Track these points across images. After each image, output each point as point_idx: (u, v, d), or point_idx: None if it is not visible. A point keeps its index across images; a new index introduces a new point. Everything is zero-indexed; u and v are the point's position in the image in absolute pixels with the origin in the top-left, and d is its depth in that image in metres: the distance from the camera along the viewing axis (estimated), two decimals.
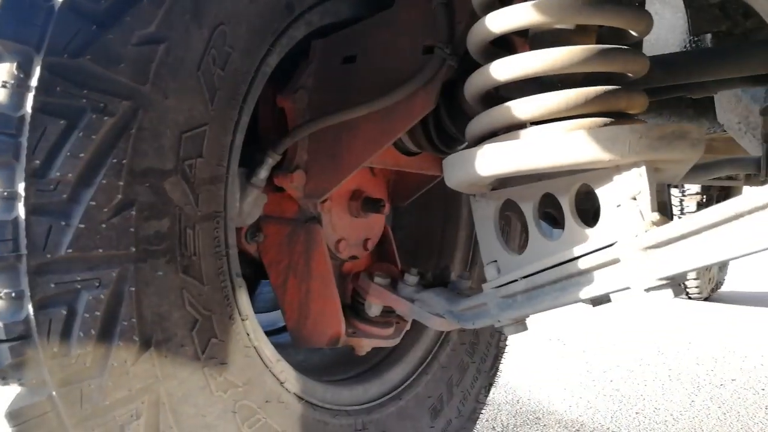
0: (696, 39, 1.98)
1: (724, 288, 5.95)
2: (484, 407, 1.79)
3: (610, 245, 0.93)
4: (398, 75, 1.28)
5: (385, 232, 1.70)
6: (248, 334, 1.11)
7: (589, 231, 0.99)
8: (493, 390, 2.18)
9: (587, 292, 0.98)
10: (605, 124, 0.97)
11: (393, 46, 1.33)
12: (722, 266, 5.64)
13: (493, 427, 2.23)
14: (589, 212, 1.14)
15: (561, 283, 1.03)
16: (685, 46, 2.01)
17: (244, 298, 1.12)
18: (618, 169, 0.94)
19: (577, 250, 0.99)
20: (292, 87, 1.39)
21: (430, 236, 1.85)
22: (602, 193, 0.97)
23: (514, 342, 3.58)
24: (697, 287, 5.49)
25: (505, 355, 1.83)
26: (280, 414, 1.15)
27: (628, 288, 0.93)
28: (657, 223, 0.90)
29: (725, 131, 2.04)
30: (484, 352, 1.73)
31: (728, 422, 2.51)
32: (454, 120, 1.40)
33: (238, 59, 1.07)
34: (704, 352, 3.71)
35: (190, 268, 1.01)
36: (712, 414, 2.62)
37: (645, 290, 0.89)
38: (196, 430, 0.98)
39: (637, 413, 2.57)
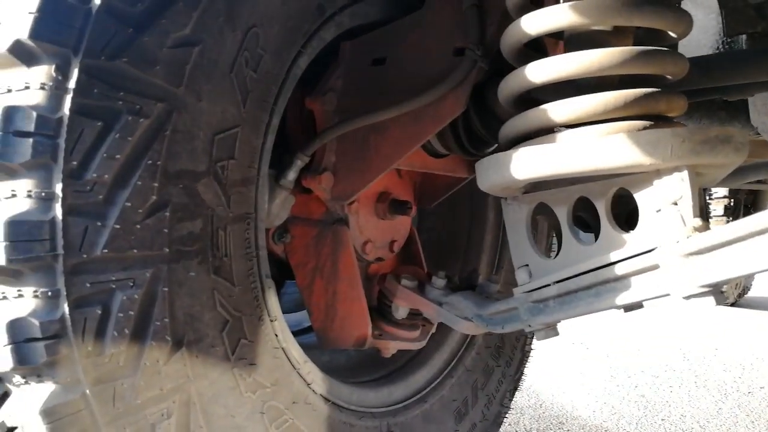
0: (729, 40, 1.93)
1: (752, 293, 5.81)
2: (508, 411, 1.77)
3: (650, 251, 0.91)
4: (428, 77, 1.27)
5: (411, 234, 1.69)
6: (277, 335, 1.11)
7: (626, 236, 0.96)
8: (516, 394, 2.16)
9: (624, 298, 0.96)
10: (645, 128, 0.95)
11: (423, 47, 1.32)
12: None
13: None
14: (621, 216, 1.12)
15: (596, 288, 1.01)
16: (717, 48, 1.97)
17: (273, 299, 1.12)
18: (659, 173, 0.92)
19: (613, 256, 0.97)
20: (321, 89, 1.39)
21: (456, 239, 1.84)
22: (641, 197, 0.94)
23: (537, 345, 3.53)
24: (723, 292, 5.39)
25: (530, 358, 1.81)
26: (307, 415, 1.15)
27: (667, 295, 0.90)
28: (699, 229, 0.87)
29: (758, 134, 1.99)
30: (510, 356, 1.71)
31: (757, 431, 2.45)
32: (484, 122, 1.38)
33: (270, 61, 1.06)
34: (731, 359, 3.63)
35: (222, 269, 1.01)
36: (740, 422, 2.55)
37: (685, 297, 0.87)
38: (226, 430, 0.98)
39: (662, 420, 2.52)
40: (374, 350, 1.50)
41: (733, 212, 5.16)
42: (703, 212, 1.02)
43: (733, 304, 5.57)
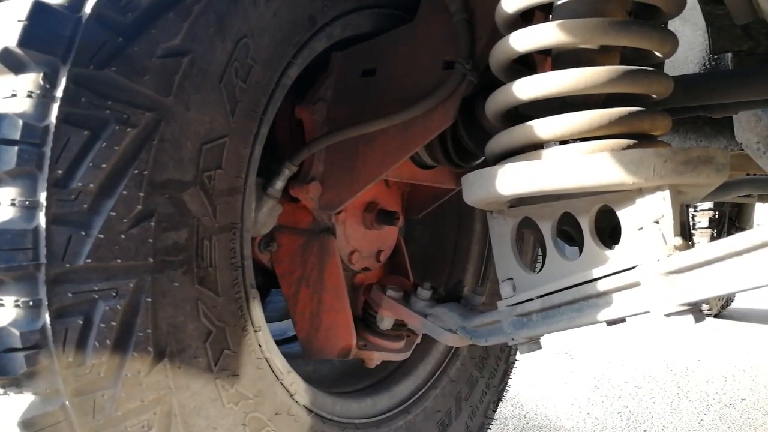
0: (716, 57, 1.97)
1: (735, 305, 5.88)
2: (492, 422, 1.77)
3: (631, 268, 0.92)
4: (417, 89, 1.28)
5: (398, 245, 1.70)
6: (260, 346, 1.11)
7: (608, 252, 0.98)
8: (500, 404, 2.16)
9: (605, 314, 0.97)
10: (629, 146, 0.96)
11: (413, 60, 1.33)
12: None
13: None
14: (605, 231, 1.13)
15: (578, 303, 1.02)
16: (704, 64, 2.00)
17: (257, 310, 1.12)
18: (641, 191, 0.93)
19: (596, 272, 0.98)
20: (311, 98, 1.39)
21: (443, 249, 1.84)
22: (624, 215, 0.96)
23: (522, 356, 3.53)
24: (707, 304, 5.44)
25: (514, 369, 1.82)
26: (290, 427, 1.14)
27: (647, 312, 0.91)
28: (679, 248, 0.88)
29: (742, 150, 2.03)
30: (494, 367, 1.72)
31: None
32: (472, 135, 1.39)
33: (260, 71, 1.07)
34: (714, 370, 3.67)
35: (206, 279, 1.01)
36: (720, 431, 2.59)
37: (665, 315, 0.88)
38: None
39: (645, 431, 2.54)
40: (358, 360, 1.50)
41: (718, 224, 5.23)
42: (684, 231, 1.03)
43: (716, 316, 5.63)
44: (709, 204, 5.06)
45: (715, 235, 5.20)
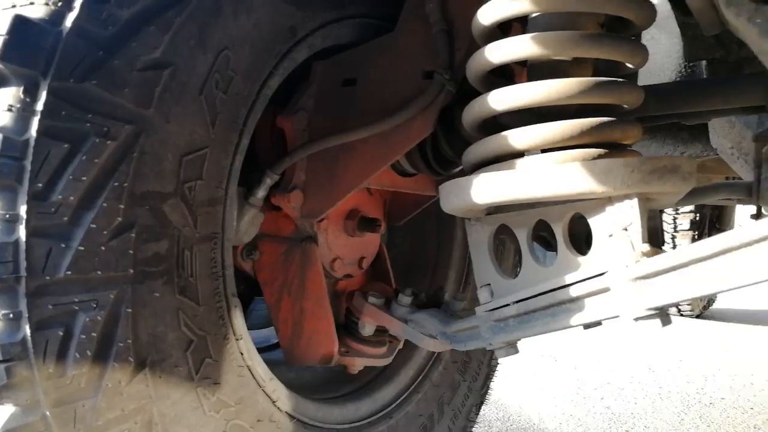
0: (692, 65, 2.02)
1: (717, 305, 5.98)
2: (475, 425, 1.80)
3: (601, 274, 0.95)
4: (397, 99, 1.30)
5: (380, 251, 1.71)
6: (242, 354, 1.12)
7: (581, 259, 1.00)
8: (483, 406, 2.19)
9: (578, 318, 1.00)
10: (599, 156, 0.99)
11: (393, 70, 1.36)
12: None
13: None
14: (581, 237, 1.16)
15: (552, 309, 1.04)
16: (680, 72, 2.05)
17: (238, 318, 1.13)
18: (611, 200, 0.96)
19: (568, 278, 1.01)
20: (292, 108, 1.41)
21: (425, 256, 1.87)
22: (595, 222, 0.99)
23: (506, 358, 3.56)
24: (689, 305, 5.52)
25: (496, 373, 1.84)
26: None
27: (617, 316, 0.94)
28: (647, 254, 0.91)
29: (717, 155, 2.08)
30: (476, 371, 1.75)
31: None
32: (451, 143, 1.42)
33: (241, 82, 1.08)
34: (695, 370, 3.73)
35: (187, 289, 1.02)
36: (700, 429, 2.64)
37: (634, 319, 0.91)
38: None
39: (627, 431, 2.58)
40: (341, 367, 1.51)
41: (699, 227, 5.32)
42: (656, 237, 1.06)
43: (698, 316, 5.71)
44: (691, 207, 5.14)
45: (696, 237, 5.29)
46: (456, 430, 1.66)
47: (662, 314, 0.89)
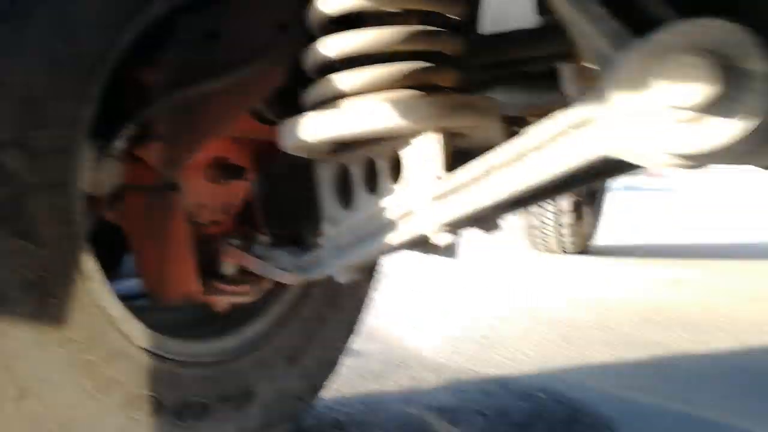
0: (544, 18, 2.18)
1: (601, 242, 6.55)
2: (349, 355, 1.95)
3: (408, 200, 1.09)
4: (254, 50, 1.37)
5: (248, 198, 1.78)
6: (92, 295, 1.17)
7: (396, 187, 1.14)
8: (366, 341, 2.37)
9: (395, 238, 1.15)
10: (411, 97, 1.12)
11: (252, 22, 1.41)
12: (591, 221, 6.24)
13: (363, 375, 2.43)
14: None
15: (378, 232, 1.19)
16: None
17: (89, 262, 1.18)
18: (416, 134, 1.10)
19: (386, 204, 1.14)
20: (154, 61, 1.42)
21: (290, 199, 1.95)
22: (405, 155, 1.12)
23: (388, 296, 3.79)
24: (573, 243, 6.05)
25: (379, 309, 1.98)
26: (126, 366, 1.23)
27: (424, 234, 1.10)
28: (445, 180, 1.07)
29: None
30: (343, 305, 1.89)
31: (569, 354, 2.91)
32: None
33: (89, 33, 1.09)
34: (569, 299, 4.17)
35: (29, 233, 1.05)
36: (561, 347, 3.02)
37: (433, 235, 1.06)
38: (32, 384, 1.04)
39: (496, 355, 2.88)
40: (209, 308, 1.60)
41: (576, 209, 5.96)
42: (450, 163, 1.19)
43: (581, 252, 6.25)
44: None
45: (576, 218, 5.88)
46: (324, 360, 1.81)
47: (453, 230, 1.05)
